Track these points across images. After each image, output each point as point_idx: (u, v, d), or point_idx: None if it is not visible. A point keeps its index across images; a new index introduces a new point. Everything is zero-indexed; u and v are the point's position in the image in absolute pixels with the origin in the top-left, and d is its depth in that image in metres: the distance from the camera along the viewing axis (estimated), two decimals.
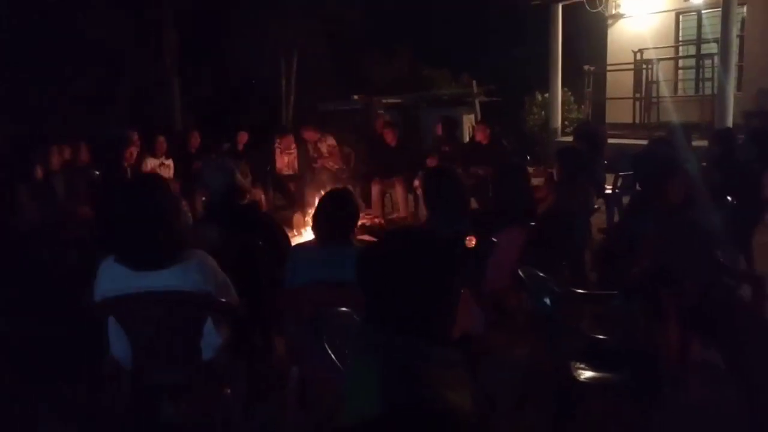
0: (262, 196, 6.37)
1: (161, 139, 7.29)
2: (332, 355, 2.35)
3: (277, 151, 7.79)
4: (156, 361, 2.45)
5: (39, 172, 5.27)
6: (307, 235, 4.94)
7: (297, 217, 5.22)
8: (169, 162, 7.25)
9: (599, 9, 12.06)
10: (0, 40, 10.08)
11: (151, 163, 7.04)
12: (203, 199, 4.26)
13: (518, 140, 11.03)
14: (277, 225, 3.53)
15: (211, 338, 2.45)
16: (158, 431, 2.48)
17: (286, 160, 7.78)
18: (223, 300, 2.45)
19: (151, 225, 2.31)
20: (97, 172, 6.18)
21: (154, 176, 3.12)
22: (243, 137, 7.99)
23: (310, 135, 7.72)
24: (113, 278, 2.34)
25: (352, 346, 2.01)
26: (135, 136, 6.88)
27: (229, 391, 2.70)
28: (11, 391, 2.44)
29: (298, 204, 5.97)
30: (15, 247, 2.61)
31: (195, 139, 7.81)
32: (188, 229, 3.30)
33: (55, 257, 2.80)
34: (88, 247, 2.89)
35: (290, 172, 7.61)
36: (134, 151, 6.69)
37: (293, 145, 7.73)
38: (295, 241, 4.42)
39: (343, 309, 2.41)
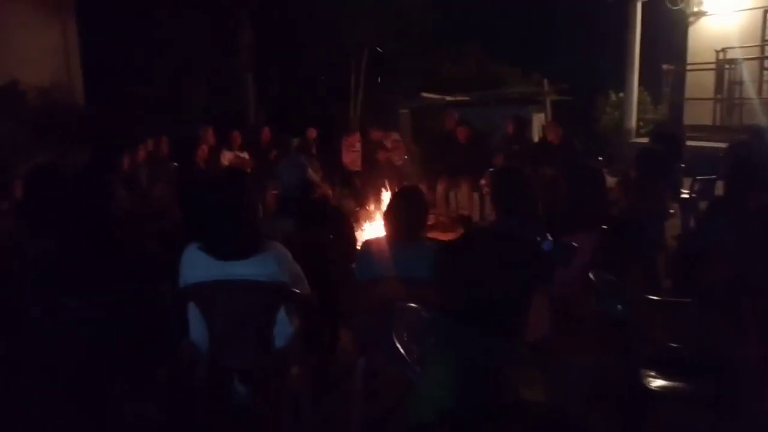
0: (330, 192, 6.49)
1: (236, 133, 7.57)
2: (400, 348, 2.39)
3: (344, 147, 7.92)
4: (231, 346, 2.56)
5: (126, 164, 5.62)
6: (371, 229, 5.00)
7: (362, 212, 5.29)
8: (245, 155, 7.51)
9: (680, 6, 11.61)
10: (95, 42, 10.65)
11: (227, 156, 7.31)
12: (275, 193, 4.40)
13: (590, 140, 10.77)
14: (345, 219, 3.61)
15: (284, 327, 2.54)
16: (230, 413, 2.58)
17: (351, 158, 7.89)
18: (297, 291, 2.54)
19: (235, 217, 2.43)
20: (175, 164, 6.50)
21: (238, 171, 3.25)
22: (312, 133, 8.17)
23: (375, 135, 7.83)
24: (195, 266, 2.46)
25: (425, 340, 2.05)
26: (208, 133, 7.19)
27: (298, 380, 2.80)
28: (96, 373, 2.60)
29: (362, 199, 6.05)
30: (113, 232, 2.78)
31: (266, 135, 8.05)
32: (262, 220, 3.44)
33: (141, 244, 2.96)
34: (170, 236, 3.04)
35: (355, 168, 7.73)
36: (206, 147, 6.99)
37: (358, 143, 7.83)
38: (360, 235, 4.50)
39: (413, 305, 2.44)
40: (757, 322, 2.72)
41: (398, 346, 2.37)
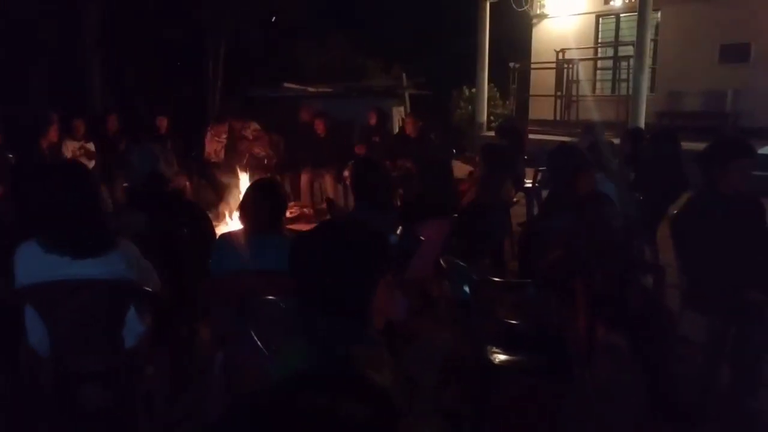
0: (187, 184, 6.25)
1: (79, 121, 7.02)
2: (258, 341, 2.39)
3: (208, 136, 7.64)
4: (76, 349, 2.41)
5: None
6: (232, 224, 4.90)
7: (222, 206, 5.16)
8: (90, 145, 6.99)
9: (525, 8, 12.48)
10: None
11: (71, 146, 6.77)
12: (125, 185, 4.17)
13: (446, 134, 11.28)
14: (201, 213, 3.50)
15: (134, 326, 2.44)
16: (80, 418, 2.44)
17: (215, 147, 7.64)
18: (146, 288, 2.44)
19: (77, 213, 2.28)
20: (11, 155, 5.89)
21: (76, 163, 3.03)
22: (162, 122, 7.76)
23: (233, 123, 7.64)
24: (33, 265, 2.28)
25: (279, 329, 2.07)
26: (55, 117, 6.60)
27: (152, 378, 2.70)
28: None
29: (223, 192, 5.90)
30: None
31: (113, 123, 7.55)
32: (110, 215, 3.25)
33: None
34: (4, 232, 2.78)
35: (217, 160, 7.49)
36: (55, 133, 6.42)
37: (225, 134, 7.60)
38: (221, 229, 4.40)
39: (269, 297, 2.44)
40: (586, 300, 3.04)
41: (255, 339, 2.37)
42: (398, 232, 2.62)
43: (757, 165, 3.35)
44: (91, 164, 6.61)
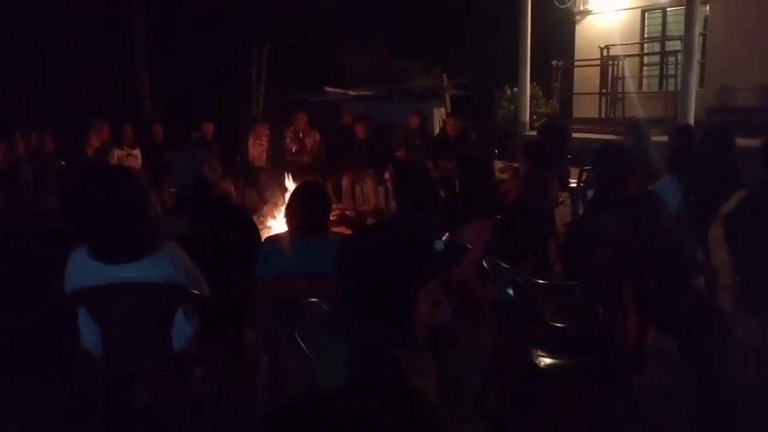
0: (232, 188, 6.37)
1: (128, 129, 7.24)
2: (303, 345, 2.41)
3: (250, 141, 7.78)
4: (126, 351, 2.48)
5: (3, 159, 5.21)
6: (276, 227, 4.97)
7: (267, 209, 5.24)
8: (136, 152, 7.20)
9: (567, 5, 12.27)
10: None
11: (117, 154, 6.98)
12: (173, 190, 4.27)
13: (488, 134, 11.18)
14: (246, 217, 3.56)
15: (182, 329, 2.49)
16: (130, 418, 2.51)
17: (257, 151, 7.78)
18: (194, 291, 2.49)
19: (123, 218, 2.34)
20: (63, 162, 6.13)
21: (122, 168, 3.13)
22: (209, 128, 7.93)
23: (300, 123, 7.75)
24: (84, 269, 2.36)
25: (323, 332, 2.08)
26: (102, 126, 6.83)
27: (200, 379, 2.76)
28: None
29: (267, 196, 6.00)
30: None
31: (158, 131, 7.76)
32: (159, 220, 3.34)
33: (25, 246, 2.80)
34: (57, 237, 2.89)
35: (261, 164, 7.62)
36: (96, 140, 6.64)
37: (266, 137, 7.72)
38: (265, 233, 4.46)
39: (314, 300, 2.46)
40: (635, 302, 2.97)
41: (300, 341, 2.39)
42: (444, 238, 2.60)
43: None
44: (138, 171, 6.80)
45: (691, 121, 8.96)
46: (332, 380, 1.39)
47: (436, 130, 10.24)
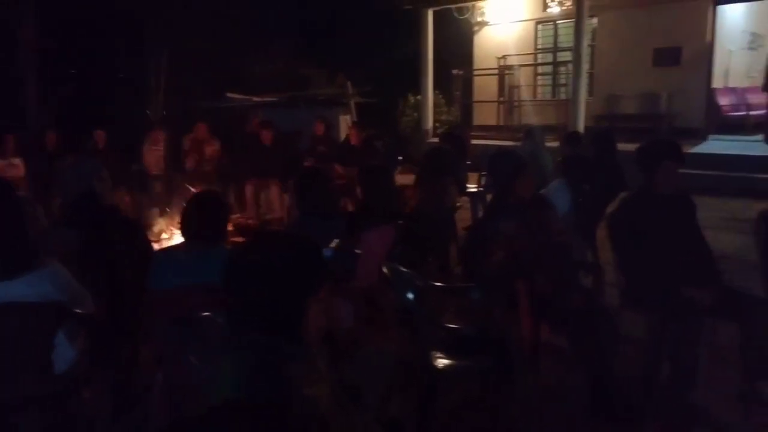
0: (127, 199, 6.08)
1: (10, 138, 6.77)
2: (197, 361, 2.32)
3: (145, 147, 7.46)
4: (1, 378, 2.29)
5: None
6: (174, 239, 4.78)
7: (163, 220, 5.03)
8: (18, 161, 6.74)
9: (466, 16, 12.69)
10: None
11: None
12: (59, 202, 4.01)
13: (393, 141, 11.34)
14: (137, 229, 3.40)
15: (64, 350, 2.33)
16: None
17: (153, 158, 7.46)
18: (78, 310, 2.34)
19: None
20: None
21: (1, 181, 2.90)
22: (100, 135, 7.55)
23: (200, 132, 7.51)
24: None
25: (216, 347, 2.02)
26: None
27: (91, 401, 2.60)
28: None
29: (163, 206, 5.77)
30: None
31: (51, 139, 7.31)
32: (42, 234, 3.12)
33: None
34: None
35: (158, 171, 7.32)
36: None
37: (161, 142, 7.43)
38: (162, 244, 4.29)
39: (207, 313, 2.38)
40: (528, 302, 3.09)
41: (194, 358, 2.31)
42: (333, 245, 2.60)
43: (690, 164, 3.49)
44: (19, 182, 6.38)
45: (582, 127, 9.52)
46: (221, 396, 1.35)
47: (343, 137, 10.28)
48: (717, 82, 11.41)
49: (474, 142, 7.51)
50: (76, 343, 2.36)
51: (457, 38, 13.72)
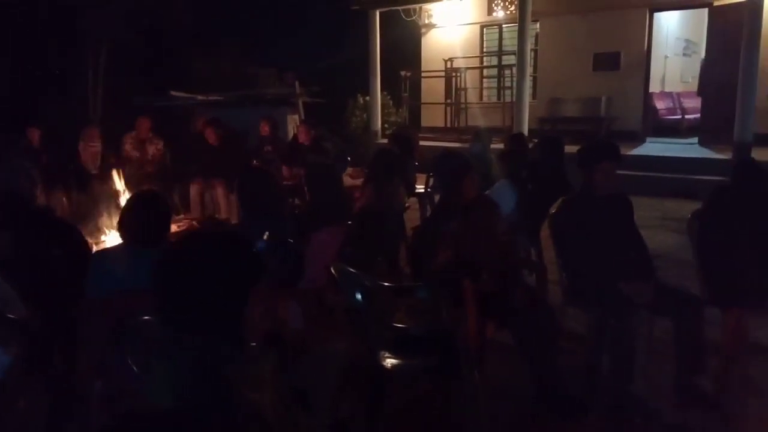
0: (64, 199, 5.84)
1: None
2: (135, 367, 2.25)
3: (81, 146, 7.17)
4: None
5: None
6: (112, 239, 4.62)
7: (101, 220, 4.85)
8: None
9: (414, 17, 12.77)
10: None
11: None
12: None
13: (342, 141, 11.30)
14: (74, 230, 3.27)
15: None
16: None
17: (89, 156, 7.17)
18: (8, 315, 2.24)
19: None
20: None
21: None
22: (34, 133, 7.21)
23: (142, 130, 7.26)
24: None
25: (155, 352, 1.95)
26: None
27: (25, 411, 2.49)
28: None
29: (103, 206, 5.57)
30: None
31: None
32: None
33: None
34: None
35: (95, 170, 7.05)
36: None
37: (97, 139, 7.15)
38: (100, 246, 4.14)
39: (146, 317, 2.31)
40: (474, 300, 3.13)
41: (132, 365, 2.23)
42: (265, 237, 2.57)
43: (629, 166, 3.61)
44: None
45: (526, 129, 9.71)
46: (159, 401, 1.30)
47: (290, 137, 10.18)
48: (654, 87, 11.86)
49: (422, 143, 7.55)
50: (10, 349, 2.25)
51: (405, 40, 13.80)
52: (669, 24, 12.57)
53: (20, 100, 12.66)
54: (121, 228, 2.83)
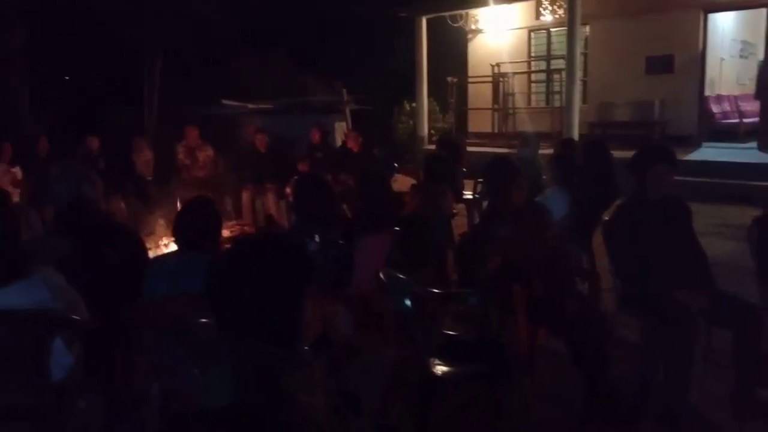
0: (122, 205, 6.04)
1: (6, 145, 6.75)
2: (194, 369, 2.30)
3: (134, 155, 7.46)
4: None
5: None
6: (172, 246, 4.76)
7: (158, 226, 5.00)
8: (17, 169, 6.72)
9: (460, 23, 12.75)
10: None
11: None
12: (51, 209, 4.00)
13: (388, 148, 11.35)
14: (133, 236, 3.38)
15: (62, 357, 2.32)
16: None
17: (143, 164, 7.45)
18: (73, 317, 2.33)
19: None
20: None
21: None
22: (93, 141, 7.53)
23: (191, 138, 7.49)
24: None
25: (212, 355, 2.00)
26: None
27: (85, 412, 2.58)
28: None
29: (159, 212, 5.75)
30: None
31: (43, 145, 7.30)
32: (37, 241, 3.10)
33: None
34: None
35: (149, 177, 7.31)
36: None
37: (146, 149, 7.42)
38: (159, 251, 4.27)
39: (204, 320, 2.37)
40: (524, 307, 3.10)
41: (191, 367, 2.29)
42: (316, 239, 2.59)
43: (684, 171, 3.52)
44: (17, 189, 6.35)
45: (576, 134, 9.54)
46: (216, 404, 1.33)
47: (338, 144, 10.29)
48: (709, 90, 11.48)
49: (469, 149, 7.52)
50: (73, 350, 2.34)
51: (452, 46, 13.77)
52: (725, 25, 12.14)
53: (81, 109, 13.21)
54: (175, 234, 2.91)
